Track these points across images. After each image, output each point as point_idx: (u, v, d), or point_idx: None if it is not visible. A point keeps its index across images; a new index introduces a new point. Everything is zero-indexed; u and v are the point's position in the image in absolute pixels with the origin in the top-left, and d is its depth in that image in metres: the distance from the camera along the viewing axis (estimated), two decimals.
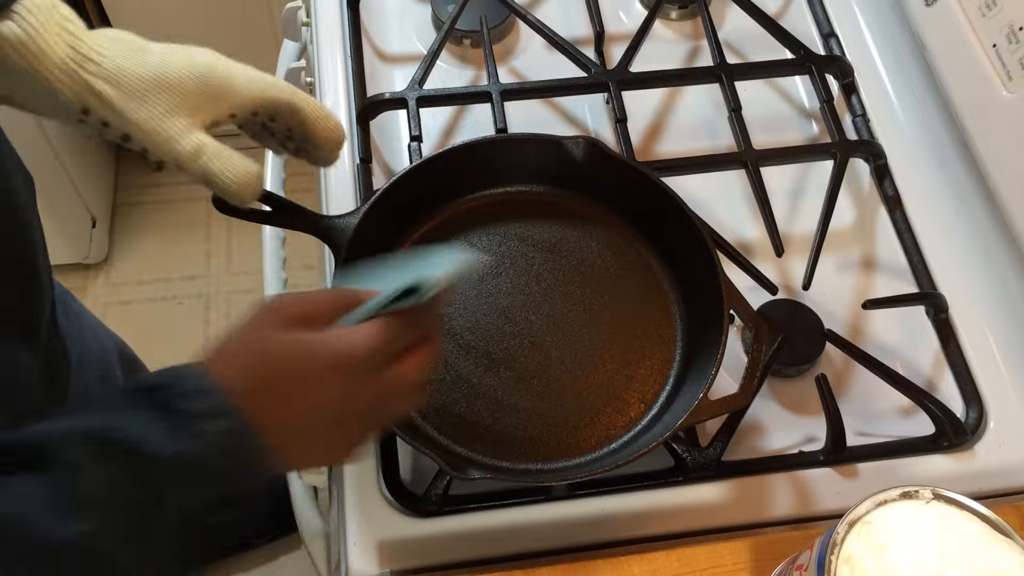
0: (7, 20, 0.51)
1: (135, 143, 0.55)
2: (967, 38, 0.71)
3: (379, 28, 0.89)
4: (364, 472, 0.65)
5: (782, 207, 0.79)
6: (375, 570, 0.61)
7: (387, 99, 0.79)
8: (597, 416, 0.65)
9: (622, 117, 0.79)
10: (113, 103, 0.53)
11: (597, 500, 0.64)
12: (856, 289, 0.76)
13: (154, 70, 0.53)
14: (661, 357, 0.67)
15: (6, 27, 0.50)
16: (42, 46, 0.51)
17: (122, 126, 0.54)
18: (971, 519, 0.48)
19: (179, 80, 0.54)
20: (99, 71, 0.53)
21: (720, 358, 0.61)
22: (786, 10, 0.92)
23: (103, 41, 0.54)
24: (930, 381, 0.72)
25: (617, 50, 0.84)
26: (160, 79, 0.54)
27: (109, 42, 0.54)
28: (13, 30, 0.51)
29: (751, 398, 0.61)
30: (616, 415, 0.65)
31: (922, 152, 0.81)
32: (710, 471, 0.65)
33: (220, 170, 0.54)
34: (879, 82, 0.85)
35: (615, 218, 0.71)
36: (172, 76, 0.54)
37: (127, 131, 0.54)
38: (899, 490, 0.49)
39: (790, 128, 0.85)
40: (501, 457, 0.63)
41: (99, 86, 0.53)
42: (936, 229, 0.77)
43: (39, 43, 0.51)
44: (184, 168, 0.54)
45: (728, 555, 0.60)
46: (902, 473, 0.66)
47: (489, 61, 0.81)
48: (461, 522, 0.63)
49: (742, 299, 0.64)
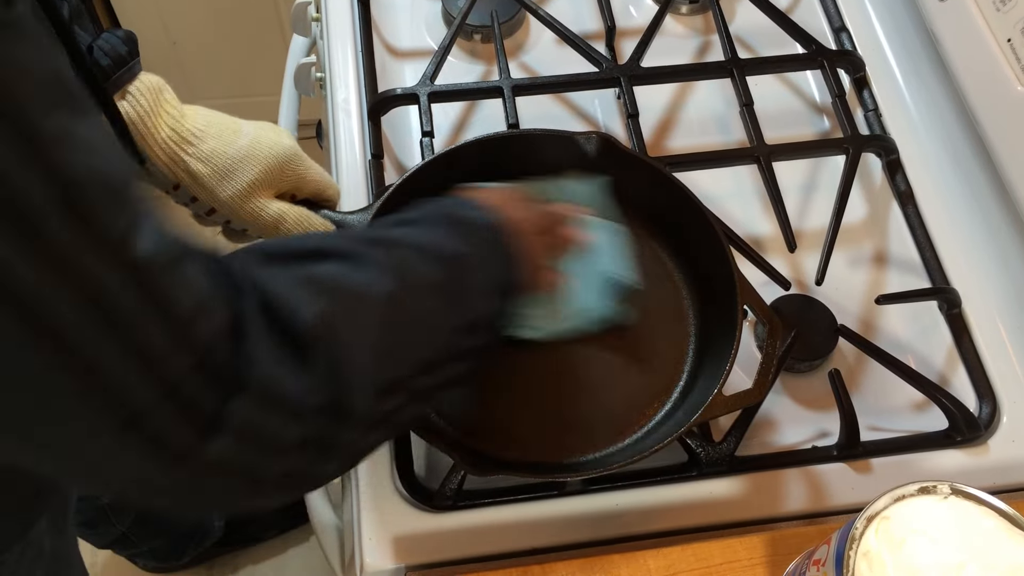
0: (121, 100, 0.58)
1: (219, 216, 0.63)
2: (981, 33, 0.71)
3: (389, 23, 0.89)
4: (379, 467, 0.65)
5: (794, 202, 0.79)
6: (390, 565, 0.61)
7: (398, 95, 0.79)
8: (611, 412, 0.64)
9: (633, 112, 0.79)
10: (204, 181, 0.61)
11: (611, 495, 0.64)
12: (869, 284, 0.76)
13: (245, 151, 0.61)
14: (675, 353, 0.67)
15: (120, 105, 0.58)
16: (149, 127, 0.59)
17: (210, 201, 0.62)
18: (989, 514, 0.48)
19: (265, 159, 0.62)
20: (196, 152, 0.60)
21: (734, 354, 0.60)
22: (797, 4, 0.92)
23: (200, 123, 0.61)
24: (943, 376, 0.72)
25: (628, 45, 0.84)
26: (249, 157, 0.62)
27: (205, 123, 0.61)
28: (127, 110, 0.58)
29: (765, 393, 0.61)
30: (630, 411, 0.64)
31: (935, 147, 0.81)
32: (724, 466, 0.65)
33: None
34: (891, 77, 0.85)
35: (630, 213, 0.71)
36: (259, 156, 0.62)
37: (214, 206, 0.62)
38: (917, 485, 0.49)
39: (802, 123, 0.85)
40: (515, 453, 0.63)
41: (194, 166, 0.60)
42: (949, 224, 0.77)
43: (147, 124, 0.59)
44: (266, 235, 0.63)
45: (743, 550, 0.60)
46: (915, 468, 0.66)
47: (500, 56, 0.81)
48: (475, 517, 0.63)
49: (756, 295, 0.64)
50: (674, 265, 0.70)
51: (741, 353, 0.63)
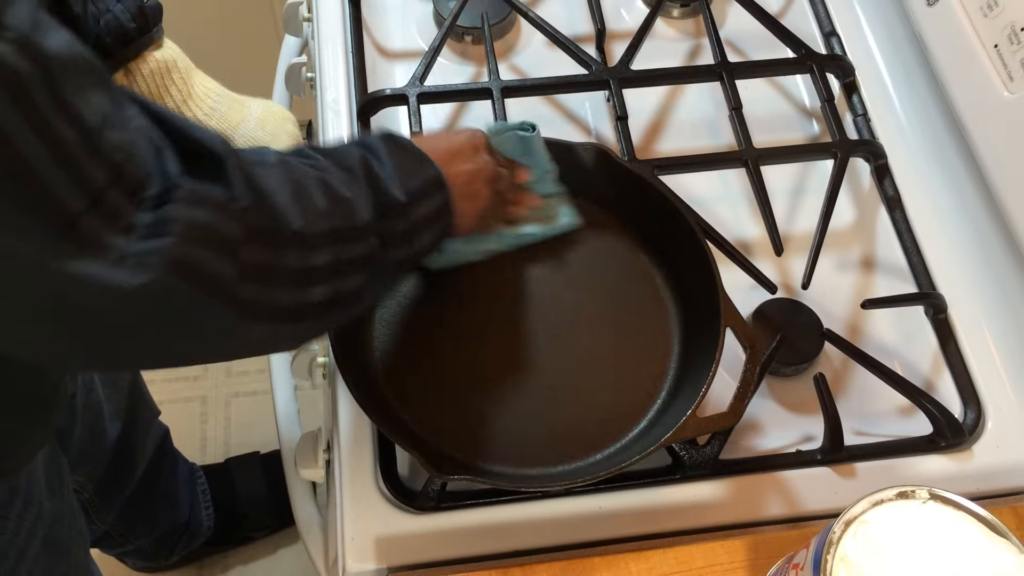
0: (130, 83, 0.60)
1: None
2: (968, 38, 0.71)
3: (380, 24, 0.89)
4: (362, 467, 0.65)
5: (782, 206, 0.79)
6: (371, 566, 0.61)
7: (388, 95, 0.79)
8: (588, 425, 0.64)
9: (623, 115, 0.79)
10: None
11: (595, 498, 0.64)
12: (855, 289, 0.76)
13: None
14: (656, 368, 0.66)
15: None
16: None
17: None
18: (967, 519, 0.48)
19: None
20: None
21: (711, 378, 0.60)
22: (788, 9, 0.92)
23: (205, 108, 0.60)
24: (928, 381, 0.72)
25: (618, 48, 0.84)
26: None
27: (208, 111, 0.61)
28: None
29: (739, 416, 0.61)
30: (607, 425, 0.64)
31: (923, 152, 0.81)
32: (707, 469, 0.65)
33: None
34: (880, 82, 0.85)
35: (620, 225, 0.71)
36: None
37: None
38: (896, 490, 0.49)
39: (791, 127, 0.85)
40: (484, 459, 0.63)
41: None
42: (936, 229, 0.77)
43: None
44: None
45: (725, 554, 0.60)
46: (899, 473, 0.66)
47: (490, 58, 0.81)
48: (458, 518, 0.63)
49: (739, 318, 0.63)
50: (661, 279, 0.70)
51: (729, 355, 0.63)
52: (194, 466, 1.30)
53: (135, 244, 0.38)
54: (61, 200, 0.36)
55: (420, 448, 0.60)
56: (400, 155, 0.54)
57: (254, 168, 0.45)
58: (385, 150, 0.53)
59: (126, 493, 1.08)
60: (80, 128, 0.36)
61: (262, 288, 0.44)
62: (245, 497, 1.33)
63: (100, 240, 0.37)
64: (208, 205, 0.41)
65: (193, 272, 0.40)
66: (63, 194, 0.36)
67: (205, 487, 1.29)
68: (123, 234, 0.38)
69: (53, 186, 0.36)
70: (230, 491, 1.32)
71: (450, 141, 0.61)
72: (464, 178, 0.59)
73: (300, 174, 0.48)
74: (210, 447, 1.47)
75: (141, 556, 1.26)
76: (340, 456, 0.65)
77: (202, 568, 1.36)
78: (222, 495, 1.31)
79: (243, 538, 1.37)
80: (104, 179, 0.37)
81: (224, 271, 0.41)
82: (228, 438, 1.48)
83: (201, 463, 1.34)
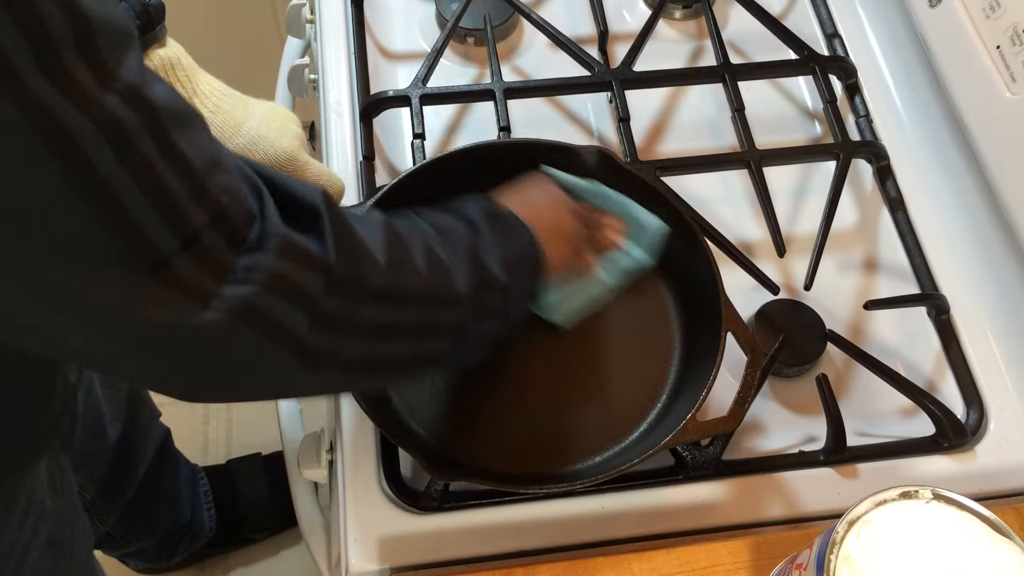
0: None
1: None
2: (971, 40, 0.71)
3: (383, 25, 0.89)
4: (365, 468, 0.65)
5: (784, 207, 0.79)
6: (374, 566, 0.61)
7: (390, 96, 0.79)
8: (587, 428, 0.64)
9: (625, 116, 0.79)
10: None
11: (597, 498, 0.64)
12: (858, 289, 0.76)
13: (240, 150, 0.61)
14: (657, 371, 0.67)
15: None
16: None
17: None
18: (971, 520, 0.48)
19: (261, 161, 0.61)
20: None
21: (711, 382, 0.60)
22: (790, 10, 0.92)
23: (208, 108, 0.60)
24: (931, 382, 0.72)
25: (621, 49, 0.84)
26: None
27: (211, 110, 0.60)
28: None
29: (739, 421, 0.61)
30: (607, 428, 0.64)
31: (925, 154, 0.81)
32: (710, 470, 0.65)
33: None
34: (882, 83, 0.85)
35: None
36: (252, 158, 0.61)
37: None
38: (899, 490, 0.49)
39: (793, 128, 0.85)
40: (485, 461, 0.63)
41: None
42: (938, 230, 0.77)
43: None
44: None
45: (728, 554, 0.60)
46: (902, 473, 0.66)
47: (493, 59, 0.81)
48: (461, 519, 0.63)
49: (741, 322, 0.63)
50: (664, 283, 0.70)
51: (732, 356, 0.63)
52: (196, 467, 1.30)
53: (222, 286, 0.38)
54: (154, 241, 0.36)
55: (422, 451, 0.61)
56: (504, 231, 0.56)
57: (353, 223, 0.45)
58: (487, 225, 0.55)
59: (127, 495, 1.08)
60: (185, 172, 0.37)
61: (332, 338, 0.44)
62: (247, 498, 1.33)
63: (191, 279, 0.37)
64: (297, 258, 0.41)
65: (264, 320, 0.40)
66: (157, 236, 0.36)
67: (207, 488, 1.29)
68: (215, 274, 0.38)
69: (148, 228, 0.36)
70: (232, 492, 1.32)
71: (557, 218, 0.63)
72: (564, 258, 0.62)
73: (404, 231, 0.49)
74: (211, 448, 1.47)
75: (143, 557, 1.26)
76: (343, 456, 0.66)
77: (204, 569, 1.36)
78: (224, 496, 1.31)
79: (245, 539, 1.36)
80: (204, 221, 0.37)
81: (295, 320, 0.42)
82: (230, 439, 1.48)
83: (203, 464, 1.34)
